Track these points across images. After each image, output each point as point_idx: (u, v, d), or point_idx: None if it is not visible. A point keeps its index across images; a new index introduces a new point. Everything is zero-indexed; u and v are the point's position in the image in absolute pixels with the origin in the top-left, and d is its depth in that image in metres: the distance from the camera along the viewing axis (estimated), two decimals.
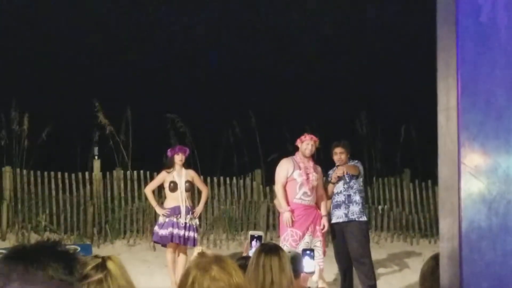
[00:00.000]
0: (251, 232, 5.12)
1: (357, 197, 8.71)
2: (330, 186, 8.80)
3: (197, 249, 3.51)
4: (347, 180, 8.73)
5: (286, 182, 8.35)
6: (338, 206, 8.72)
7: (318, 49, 16.82)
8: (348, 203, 8.68)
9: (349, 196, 8.70)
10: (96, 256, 2.37)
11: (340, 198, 8.73)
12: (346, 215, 8.66)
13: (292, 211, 8.22)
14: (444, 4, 1.21)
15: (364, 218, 8.72)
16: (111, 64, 16.22)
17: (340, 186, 8.76)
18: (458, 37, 1.20)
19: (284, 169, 8.39)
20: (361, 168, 8.86)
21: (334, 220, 8.69)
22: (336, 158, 8.78)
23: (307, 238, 8.19)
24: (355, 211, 8.65)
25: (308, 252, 4.67)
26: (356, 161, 8.93)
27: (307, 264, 4.60)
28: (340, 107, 15.12)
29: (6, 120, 12.68)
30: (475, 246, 1.17)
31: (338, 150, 8.75)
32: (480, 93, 1.20)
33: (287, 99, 16.12)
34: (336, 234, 8.75)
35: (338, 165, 8.75)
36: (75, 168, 12.53)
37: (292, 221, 8.16)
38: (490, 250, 1.17)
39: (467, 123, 1.19)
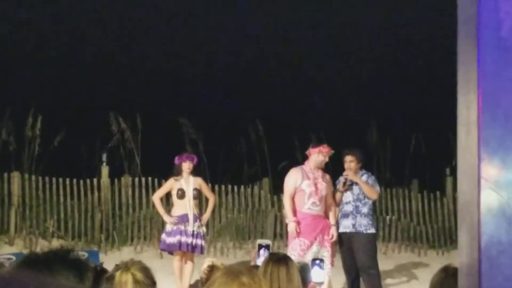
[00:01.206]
0: (259, 241, 5.08)
1: (365, 209, 8.67)
2: (337, 195, 8.77)
3: (207, 261, 3.49)
4: (357, 192, 8.70)
5: (295, 193, 8.31)
6: (346, 215, 8.69)
7: (328, 57, 16.81)
8: (355, 214, 8.65)
9: (357, 207, 8.67)
10: (125, 266, 2.36)
11: (348, 208, 8.70)
12: (354, 226, 8.62)
13: (299, 222, 8.18)
14: (465, 19, 1.21)
15: (372, 230, 8.68)
16: (124, 71, 16.27)
17: (349, 196, 8.73)
18: (479, 52, 1.20)
19: (292, 179, 8.35)
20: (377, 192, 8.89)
21: (341, 230, 8.64)
22: (345, 166, 8.75)
23: (314, 247, 8.15)
24: (362, 223, 8.62)
25: (317, 262, 4.66)
26: (374, 178, 8.91)
27: (317, 274, 4.58)
28: (350, 116, 15.11)
29: (17, 125, 12.70)
30: (494, 261, 1.16)
31: (348, 158, 8.71)
32: (500, 108, 1.20)
33: (296, 108, 16.11)
34: (343, 244, 8.71)
35: (347, 174, 8.72)
36: (83, 174, 12.54)
37: (298, 232, 8.12)
38: (509, 265, 1.16)
39: (487, 138, 1.19)
